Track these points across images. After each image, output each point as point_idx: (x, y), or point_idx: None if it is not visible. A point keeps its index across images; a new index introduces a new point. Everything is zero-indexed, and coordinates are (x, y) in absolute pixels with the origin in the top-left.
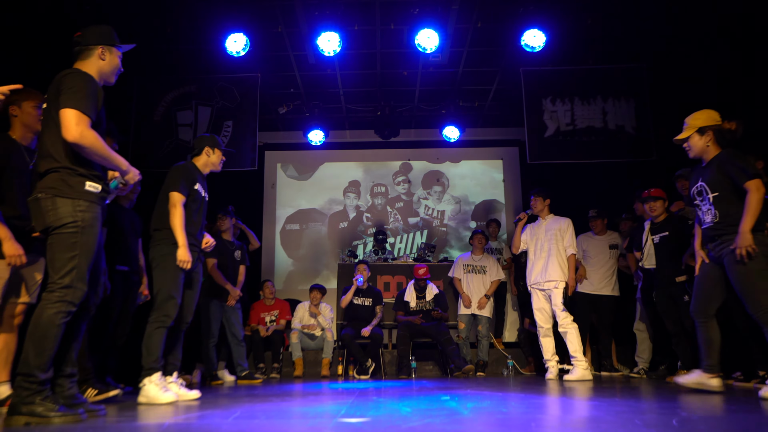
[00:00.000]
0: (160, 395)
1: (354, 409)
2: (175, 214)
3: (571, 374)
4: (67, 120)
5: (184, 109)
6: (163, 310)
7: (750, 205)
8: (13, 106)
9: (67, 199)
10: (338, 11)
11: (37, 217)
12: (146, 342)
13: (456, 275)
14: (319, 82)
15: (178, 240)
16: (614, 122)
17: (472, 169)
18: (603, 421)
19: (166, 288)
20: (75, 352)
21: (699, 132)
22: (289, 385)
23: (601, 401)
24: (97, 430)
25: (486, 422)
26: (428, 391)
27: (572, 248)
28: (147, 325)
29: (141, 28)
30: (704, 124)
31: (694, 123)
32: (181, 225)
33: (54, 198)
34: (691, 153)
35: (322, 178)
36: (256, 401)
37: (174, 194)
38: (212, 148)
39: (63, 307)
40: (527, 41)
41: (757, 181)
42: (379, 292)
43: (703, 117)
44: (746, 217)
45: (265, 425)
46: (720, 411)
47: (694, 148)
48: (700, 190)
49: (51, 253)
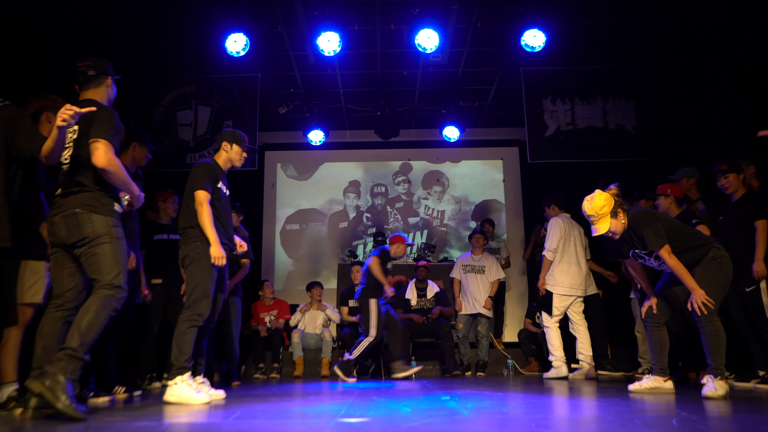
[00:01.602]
0: (192, 396)
1: (354, 409)
2: (203, 212)
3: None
4: (98, 150)
5: (184, 109)
6: (196, 309)
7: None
8: (48, 112)
9: (101, 215)
10: (338, 11)
11: (73, 228)
12: (178, 340)
13: (455, 276)
14: (319, 82)
15: (210, 237)
16: (614, 122)
17: (472, 169)
18: (603, 421)
19: (201, 286)
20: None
21: (612, 215)
22: (289, 385)
23: (601, 401)
24: (97, 430)
25: (486, 422)
26: (428, 391)
27: (548, 251)
28: (178, 323)
29: (141, 28)
30: (611, 208)
31: (602, 212)
32: (210, 222)
33: (90, 214)
34: (616, 236)
35: (322, 178)
36: (256, 401)
37: (200, 192)
38: (229, 143)
39: (115, 303)
40: (527, 41)
41: (668, 247)
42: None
43: (607, 203)
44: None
45: (265, 425)
46: (720, 411)
47: (618, 231)
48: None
49: (96, 259)
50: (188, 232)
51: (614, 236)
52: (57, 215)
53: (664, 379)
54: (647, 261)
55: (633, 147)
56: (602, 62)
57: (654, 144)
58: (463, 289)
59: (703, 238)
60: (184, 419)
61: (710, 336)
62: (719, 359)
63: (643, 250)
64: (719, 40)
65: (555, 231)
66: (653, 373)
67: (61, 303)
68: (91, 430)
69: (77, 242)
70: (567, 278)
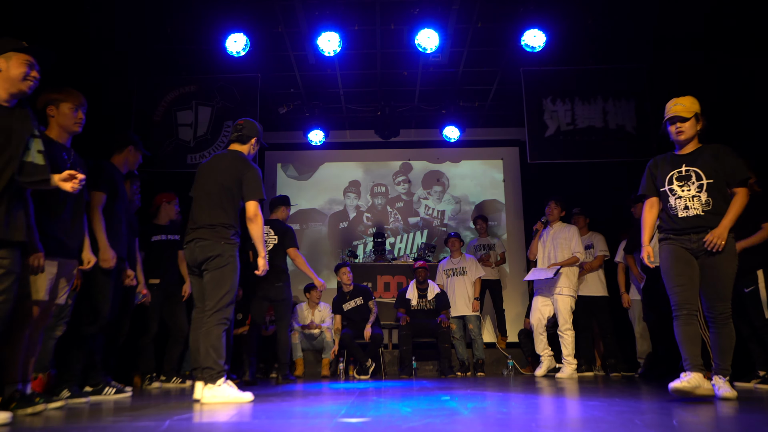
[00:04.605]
0: (238, 394)
1: (354, 409)
2: (259, 223)
3: (562, 372)
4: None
5: (184, 109)
6: (225, 313)
7: (736, 207)
8: (51, 106)
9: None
10: (338, 11)
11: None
12: (215, 344)
13: (439, 282)
14: (319, 82)
15: (261, 250)
16: (615, 122)
17: (473, 169)
18: (603, 421)
19: (233, 290)
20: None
21: (695, 118)
22: (289, 385)
23: (601, 401)
24: (97, 430)
25: (486, 422)
26: (428, 391)
27: (580, 253)
28: (210, 328)
29: (141, 28)
30: (698, 111)
31: (693, 108)
32: (262, 235)
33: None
34: (682, 136)
35: (322, 178)
36: (256, 401)
37: (257, 203)
38: (257, 139)
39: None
40: (527, 41)
41: (747, 190)
42: (366, 287)
43: (697, 105)
44: (730, 215)
45: (265, 425)
46: (720, 411)
47: (688, 132)
48: (688, 175)
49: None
50: (220, 230)
51: (679, 133)
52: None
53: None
54: (685, 188)
55: (633, 147)
56: (602, 62)
57: (654, 144)
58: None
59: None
60: (184, 419)
61: (726, 337)
62: (729, 360)
63: (705, 177)
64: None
65: (574, 237)
66: (715, 373)
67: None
68: (91, 430)
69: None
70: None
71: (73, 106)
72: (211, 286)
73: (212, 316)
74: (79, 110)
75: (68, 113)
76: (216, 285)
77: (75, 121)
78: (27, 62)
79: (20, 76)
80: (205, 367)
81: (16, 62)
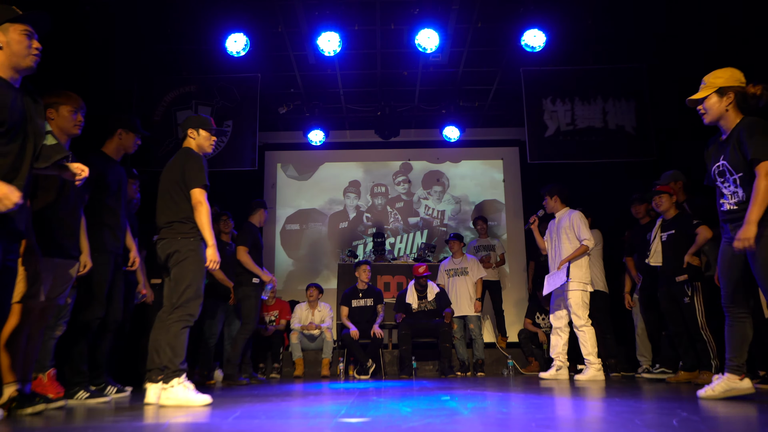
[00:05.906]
0: (193, 397)
1: (354, 409)
2: (203, 211)
3: (583, 374)
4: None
5: (184, 109)
6: (188, 309)
7: (756, 195)
8: (51, 109)
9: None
10: (338, 11)
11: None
12: (172, 342)
13: (440, 282)
14: (319, 82)
15: (209, 239)
16: (614, 122)
17: (472, 169)
18: (603, 421)
19: (195, 285)
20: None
21: (719, 93)
22: (289, 385)
23: (601, 401)
24: (97, 430)
25: (486, 422)
26: (428, 391)
27: (588, 240)
28: (170, 324)
29: (141, 28)
30: (726, 84)
31: (713, 82)
32: (210, 222)
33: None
34: (707, 118)
35: (322, 178)
36: (256, 401)
37: (200, 190)
38: (195, 129)
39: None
40: (527, 41)
41: (765, 170)
42: (380, 291)
43: (725, 76)
44: (752, 207)
45: (265, 425)
46: (720, 411)
47: (711, 112)
48: (722, 170)
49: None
50: (176, 226)
51: (703, 115)
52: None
53: (740, 378)
54: (726, 186)
55: (633, 147)
56: (602, 62)
57: (654, 144)
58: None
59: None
60: (184, 419)
61: (744, 332)
62: (744, 357)
63: (735, 171)
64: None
65: (577, 223)
66: (727, 371)
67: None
68: (91, 430)
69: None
70: (589, 273)
71: (72, 108)
72: (173, 283)
73: (174, 313)
74: (78, 113)
75: (68, 116)
76: (176, 281)
77: (74, 123)
78: (26, 32)
79: (24, 51)
80: (163, 366)
81: (15, 35)
